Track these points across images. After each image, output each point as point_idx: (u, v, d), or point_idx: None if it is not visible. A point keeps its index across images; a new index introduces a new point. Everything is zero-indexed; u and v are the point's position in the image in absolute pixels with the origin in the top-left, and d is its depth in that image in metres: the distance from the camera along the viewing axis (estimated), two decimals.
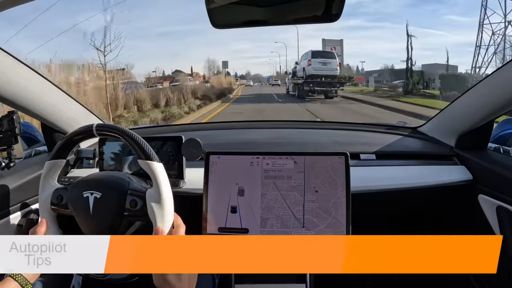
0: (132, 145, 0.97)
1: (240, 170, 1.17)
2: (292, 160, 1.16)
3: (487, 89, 1.29)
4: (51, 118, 1.42)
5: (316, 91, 16.83)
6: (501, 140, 1.51)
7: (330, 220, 1.12)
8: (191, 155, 1.23)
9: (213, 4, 0.98)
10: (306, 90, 16.72)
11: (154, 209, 0.95)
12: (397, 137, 1.74)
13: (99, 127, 1.00)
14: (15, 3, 0.91)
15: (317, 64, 16.84)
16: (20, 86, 1.20)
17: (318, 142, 1.70)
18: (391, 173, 1.42)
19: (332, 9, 0.97)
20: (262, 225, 1.14)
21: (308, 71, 16.71)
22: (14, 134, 1.24)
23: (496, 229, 1.30)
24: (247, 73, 32.38)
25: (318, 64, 16.84)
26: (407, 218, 1.63)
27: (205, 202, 1.16)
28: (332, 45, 22.57)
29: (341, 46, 23.84)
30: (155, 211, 0.95)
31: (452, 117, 1.56)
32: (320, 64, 16.86)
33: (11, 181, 1.24)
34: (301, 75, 17.68)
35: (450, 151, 1.53)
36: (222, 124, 2.23)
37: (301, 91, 17.11)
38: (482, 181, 1.37)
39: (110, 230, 0.97)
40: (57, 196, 1.02)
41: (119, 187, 1.01)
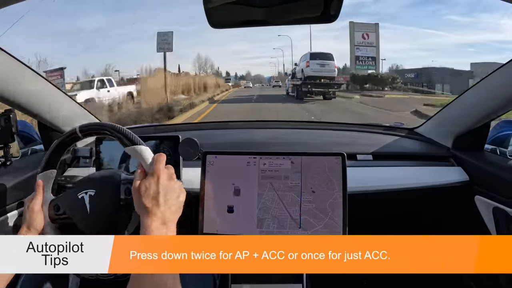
0: (116, 136, 0.97)
1: (237, 170, 1.17)
2: (289, 160, 1.16)
3: (484, 90, 1.30)
4: (48, 117, 1.42)
5: (314, 92, 16.83)
6: (497, 142, 1.51)
7: (326, 220, 1.12)
8: (188, 154, 1.23)
9: (211, 4, 0.98)
10: (305, 91, 16.76)
11: None
12: (394, 138, 1.74)
13: (82, 127, 0.99)
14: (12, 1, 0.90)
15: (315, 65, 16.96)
16: (16, 84, 1.19)
17: (315, 143, 1.70)
18: (388, 174, 1.42)
19: (330, 9, 0.97)
20: (259, 226, 1.14)
21: (306, 72, 16.88)
22: (11, 133, 1.24)
23: (493, 230, 1.30)
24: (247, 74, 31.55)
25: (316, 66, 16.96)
26: (403, 219, 1.63)
27: (201, 202, 1.16)
28: (363, 31, 19.51)
29: (376, 33, 19.39)
30: None
31: (449, 118, 1.57)
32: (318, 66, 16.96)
33: (8, 180, 1.24)
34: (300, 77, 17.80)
35: (447, 152, 1.53)
36: (219, 124, 2.22)
37: (299, 92, 17.07)
38: (478, 182, 1.37)
39: (110, 225, 0.97)
40: (54, 207, 1.01)
41: (112, 179, 1.00)
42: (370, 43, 19.48)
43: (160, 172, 0.85)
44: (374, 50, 19.57)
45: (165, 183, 0.85)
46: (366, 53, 19.67)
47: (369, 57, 19.68)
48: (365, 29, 19.32)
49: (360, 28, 19.26)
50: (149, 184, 0.84)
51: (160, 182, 0.84)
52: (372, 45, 19.50)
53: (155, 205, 0.83)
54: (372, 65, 19.68)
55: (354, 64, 19.87)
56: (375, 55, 19.65)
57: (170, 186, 0.86)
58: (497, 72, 1.21)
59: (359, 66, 19.82)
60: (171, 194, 0.85)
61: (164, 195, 0.84)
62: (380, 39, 19.58)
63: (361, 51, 19.70)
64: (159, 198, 0.83)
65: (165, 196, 0.84)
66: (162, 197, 0.83)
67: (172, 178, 0.87)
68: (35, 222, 0.94)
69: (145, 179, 0.85)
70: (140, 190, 0.84)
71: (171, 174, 0.87)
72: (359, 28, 19.30)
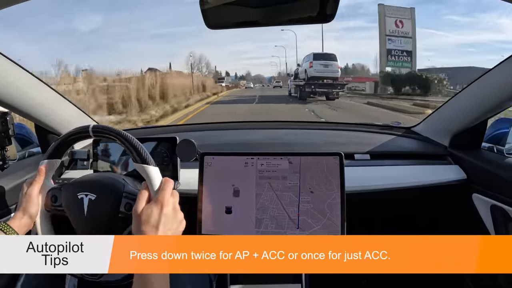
0: (128, 148, 0.97)
1: (235, 170, 1.17)
2: (287, 160, 1.16)
3: (481, 88, 1.30)
4: (45, 119, 1.41)
5: (317, 93, 17.01)
6: (494, 140, 1.52)
7: (325, 221, 1.12)
8: (185, 156, 1.23)
9: (207, 4, 0.98)
10: (308, 91, 16.92)
11: None
12: (391, 137, 1.75)
13: (96, 128, 1.00)
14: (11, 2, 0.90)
15: (318, 66, 17.13)
16: (13, 86, 1.19)
17: (312, 143, 1.70)
18: (385, 173, 1.43)
19: (327, 9, 0.97)
20: (257, 226, 1.14)
21: (309, 73, 17.10)
22: (8, 136, 1.23)
23: (491, 228, 1.31)
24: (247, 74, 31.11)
25: (320, 66, 17.11)
26: (401, 218, 1.63)
27: (199, 203, 1.15)
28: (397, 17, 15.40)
29: (412, 20, 14.91)
30: None
31: (446, 117, 1.57)
32: (321, 66, 17.11)
33: (5, 183, 1.23)
34: (303, 77, 18.01)
35: (444, 151, 1.53)
36: (216, 125, 2.22)
37: (302, 92, 17.30)
38: (476, 180, 1.38)
39: (104, 231, 0.97)
40: (51, 196, 1.01)
41: (114, 189, 1.00)
42: (405, 33, 15.87)
43: (165, 201, 0.85)
44: (410, 43, 15.81)
45: (169, 214, 0.85)
46: (400, 46, 16.05)
47: (404, 51, 16.10)
48: (398, 15, 15.43)
49: (393, 13, 15.34)
50: (151, 211, 0.84)
51: (163, 212, 0.84)
52: (407, 36, 15.80)
53: (152, 232, 0.83)
54: (407, 61, 16.35)
55: (386, 60, 16.61)
56: (411, 48, 15.94)
57: (173, 217, 0.86)
58: (494, 70, 1.21)
59: (391, 63, 16.53)
60: (171, 224, 0.85)
61: (164, 224, 0.84)
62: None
63: (394, 43, 16.15)
64: (159, 226, 0.83)
65: (165, 225, 0.84)
66: (162, 225, 0.83)
67: (176, 208, 0.87)
68: (31, 208, 0.93)
69: (149, 206, 0.85)
70: (141, 217, 0.84)
71: (175, 203, 0.88)
72: (391, 13, 15.36)
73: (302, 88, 17.49)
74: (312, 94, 16.98)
